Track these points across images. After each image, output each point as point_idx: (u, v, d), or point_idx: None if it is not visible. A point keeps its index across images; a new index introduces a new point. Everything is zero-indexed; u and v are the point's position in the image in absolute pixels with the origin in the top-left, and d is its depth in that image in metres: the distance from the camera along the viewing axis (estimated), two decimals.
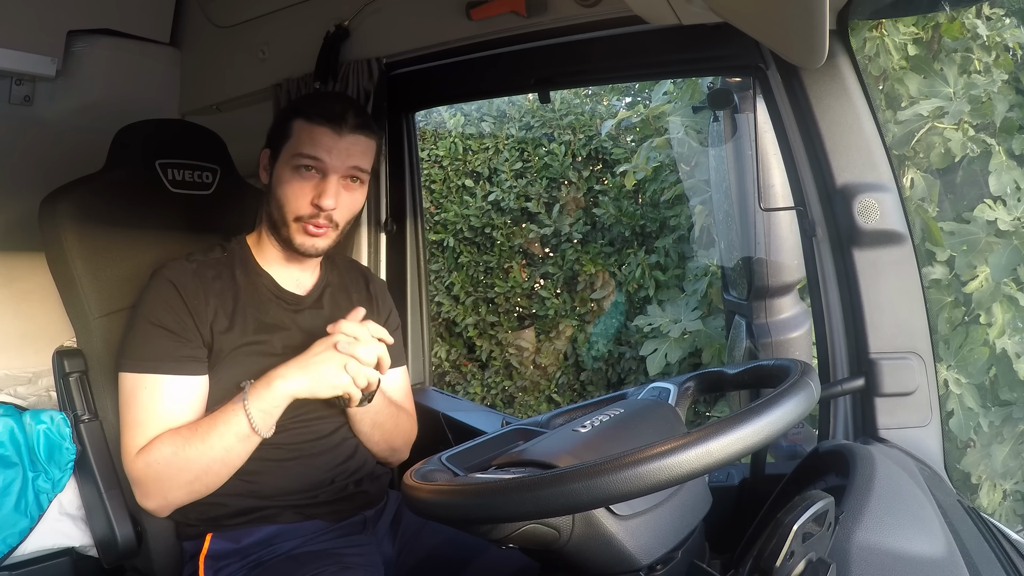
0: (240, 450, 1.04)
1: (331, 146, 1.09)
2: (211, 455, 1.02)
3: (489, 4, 1.31)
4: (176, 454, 1.02)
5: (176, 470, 1.03)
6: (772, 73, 1.17)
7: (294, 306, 1.19)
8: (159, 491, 1.05)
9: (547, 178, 3.88)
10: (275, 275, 1.19)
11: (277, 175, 1.13)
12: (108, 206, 1.24)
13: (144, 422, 1.06)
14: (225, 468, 1.04)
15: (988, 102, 2.17)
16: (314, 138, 1.09)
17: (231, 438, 1.03)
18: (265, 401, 1.03)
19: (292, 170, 1.10)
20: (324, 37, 1.50)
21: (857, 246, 1.13)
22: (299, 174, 1.10)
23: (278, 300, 1.17)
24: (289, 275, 1.20)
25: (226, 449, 1.03)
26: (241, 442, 1.03)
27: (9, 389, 1.47)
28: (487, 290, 4.00)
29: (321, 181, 1.10)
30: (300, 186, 1.10)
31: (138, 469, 1.04)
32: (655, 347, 3.10)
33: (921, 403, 1.13)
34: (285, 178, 1.11)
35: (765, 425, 0.61)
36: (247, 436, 1.03)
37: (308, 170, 1.10)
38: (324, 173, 1.10)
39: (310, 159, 1.09)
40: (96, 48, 1.64)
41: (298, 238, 1.12)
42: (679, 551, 0.78)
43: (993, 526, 0.95)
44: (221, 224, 1.36)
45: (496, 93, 2.38)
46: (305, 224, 1.11)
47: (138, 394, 1.07)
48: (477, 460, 0.83)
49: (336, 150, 1.10)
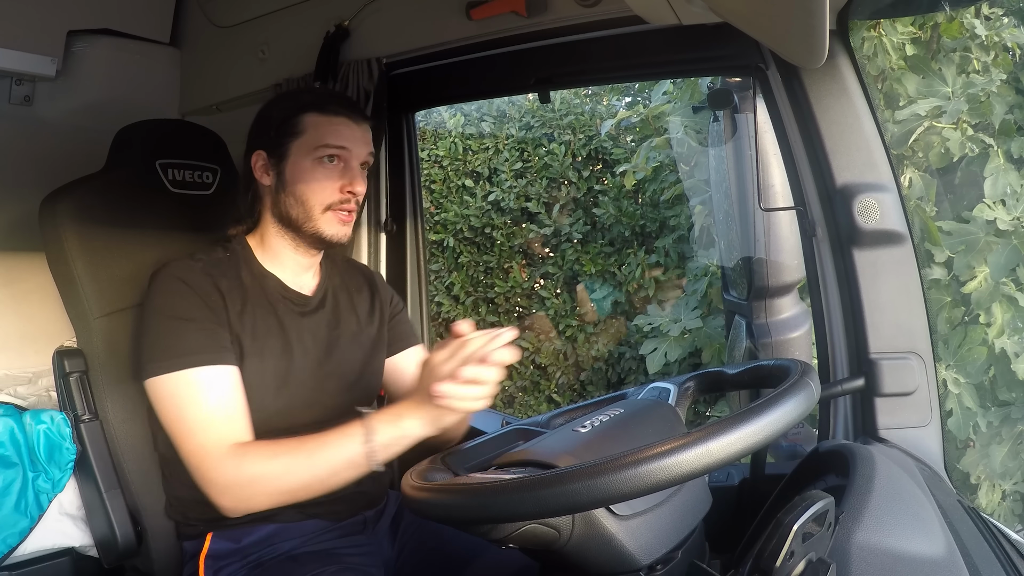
0: (344, 476, 0.99)
1: (352, 135, 1.13)
2: (313, 472, 0.98)
3: (489, 4, 1.31)
4: (276, 463, 0.99)
5: (272, 478, 0.99)
6: (772, 73, 1.18)
7: (301, 307, 1.17)
8: (246, 495, 1.00)
9: (547, 178, 3.88)
10: (281, 276, 1.17)
11: (293, 171, 1.12)
12: (108, 206, 1.24)
13: (211, 418, 1.01)
14: (322, 488, 1.00)
15: (987, 101, 2.17)
16: (337, 129, 1.11)
17: (339, 462, 0.98)
18: (390, 437, 0.97)
19: (315, 162, 1.11)
20: (324, 37, 1.49)
21: (857, 246, 1.13)
22: (323, 165, 1.11)
23: (285, 301, 1.16)
24: (294, 276, 1.19)
25: (331, 472, 0.98)
26: (348, 469, 0.98)
27: (9, 389, 1.47)
28: (487, 290, 4.00)
29: (346, 169, 1.13)
30: (326, 175, 1.11)
31: (228, 471, 0.99)
32: (655, 346, 3.11)
33: (921, 403, 1.13)
34: (307, 172, 1.11)
35: (765, 425, 0.61)
36: (358, 465, 0.98)
37: (331, 160, 1.11)
38: (347, 161, 1.13)
39: (336, 148, 1.11)
40: (96, 48, 1.64)
41: (329, 228, 1.12)
42: (679, 551, 0.78)
43: (993, 526, 0.95)
44: (221, 224, 1.35)
45: (496, 93, 2.38)
46: (336, 211, 1.12)
47: (187, 392, 1.02)
48: (477, 460, 0.83)
49: (356, 138, 1.13)
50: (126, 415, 1.20)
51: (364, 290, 1.29)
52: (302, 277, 1.20)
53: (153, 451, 1.18)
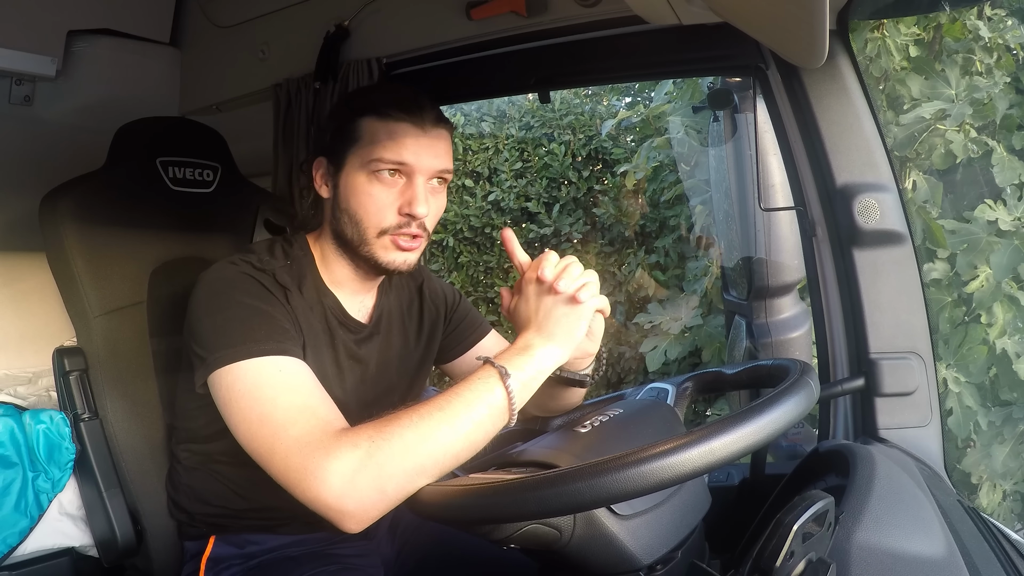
0: (489, 428, 0.79)
1: (415, 145, 0.94)
2: (457, 431, 0.77)
3: (489, 4, 1.31)
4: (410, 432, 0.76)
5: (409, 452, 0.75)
6: (772, 73, 1.18)
7: (356, 334, 1.06)
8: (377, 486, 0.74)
9: (547, 178, 3.88)
10: (340, 297, 1.04)
11: (347, 185, 0.97)
12: (109, 203, 1.23)
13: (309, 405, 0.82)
14: (466, 450, 0.78)
15: (990, 103, 2.17)
16: (395, 138, 0.94)
17: (482, 411, 0.78)
18: (526, 372, 0.81)
19: (370, 177, 0.95)
20: (324, 37, 1.49)
21: (857, 246, 1.13)
22: (379, 180, 0.95)
23: (343, 328, 1.03)
24: (352, 299, 1.06)
25: (475, 424, 0.78)
26: (492, 419, 0.79)
27: (9, 389, 1.47)
28: (487, 290, 4.00)
29: (407, 186, 0.95)
30: (383, 194, 0.95)
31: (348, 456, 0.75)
32: (655, 344, 3.11)
33: (921, 403, 1.13)
34: (360, 188, 0.95)
35: (765, 425, 0.61)
36: (502, 412, 0.79)
37: (391, 175, 0.95)
38: (410, 176, 0.95)
39: (393, 163, 0.94)
40: (96, 48, 1.64)
41: (386, 256, 0.97)
42: (679, 551, 0.78)
43: (993, 526, 0.95)
44: (222, 222, 1.36)
45: (496, 93, 2.37)
46: (394, 237, 0.96)
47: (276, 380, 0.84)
48: (477, 460, 0.83)
49: (421, 149, 0.95)
50: (126, 414, 1.19)
51: (415, 305, 1.18)
52: (361, 300, 1.08)
53: (153, 450, 1.18)
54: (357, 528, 0.76)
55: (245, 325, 0.88)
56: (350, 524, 0.76)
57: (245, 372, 0.84)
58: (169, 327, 1.22)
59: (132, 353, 1.21)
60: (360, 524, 0.76)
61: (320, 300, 1.02)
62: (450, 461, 0.77)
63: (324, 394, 0.86)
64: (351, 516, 0.75)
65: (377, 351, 1.08)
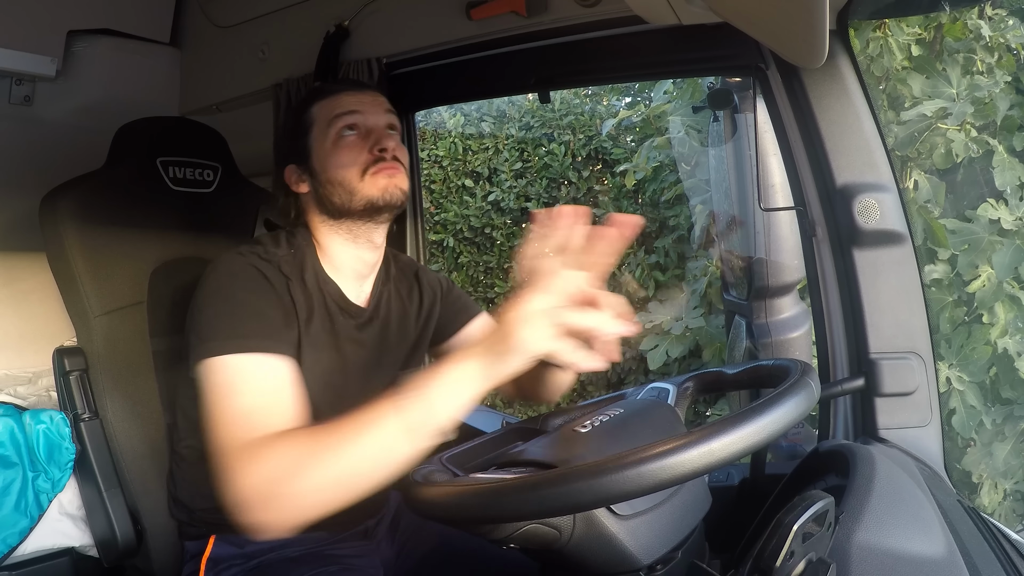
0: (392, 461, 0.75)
1: (360, 103, 1.08)
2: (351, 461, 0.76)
3: (489, 4, 1.31)
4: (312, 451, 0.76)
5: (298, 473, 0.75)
6: (772, 73, 1.18)
7: (356, 319, 1.11)
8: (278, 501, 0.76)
9: (547, 178, 3.88)
10: (340, 284, 1.10)
11: (320, 160, 1.07)
12: (109, 203, 1.24)
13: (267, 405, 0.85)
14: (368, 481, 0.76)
15: (991, 103, 2.18)
16: (342, 103, 1.07)
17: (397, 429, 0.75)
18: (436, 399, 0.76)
19: (336, 139, 1.06)
20: (324, 37, 1.50)
21: (857, 246, 1.13)
22: (343, 140, 1.06)
23: (343, 313, 1.09)
24: (352, 284, 1.12)
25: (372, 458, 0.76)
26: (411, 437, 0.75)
27: (9, 389, 1.47)
28: (487, 290, 4.00)
29: (367, 133, 1.07)
30: (352, 144, 1.06)
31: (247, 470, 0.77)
32: (656, 343, 3.12)
33: (921, 403, 1.13)
34: (330, 152, 1.06)
35: (766, 425, 0.61)
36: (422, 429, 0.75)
37: (351, 131, 1.06)
38: (366, 128, 1.07)
39: (348, 115, 1.06)
40: (96, 48, 1.64)
41: (376, 189, 1.04)
42: (679, 551, 0.78)
43: (993, 526, 0.95)
44: (222, 221, 1.36)
45: (496, 93, 2.38)
46: (375, 171, 1.04)
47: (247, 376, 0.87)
48: (477, 460, 0.83)
49: (366, 106, 1.08)
50: (126, 414, 1.19)
51: (414, 290, 1.23)
52: (360, 285, 1.14)
53: (153, 450, 1.19)
54: (266, 536, 0.77)
55: (236, 320, 0.92)
56: (260, 531, 0.77)
57: (224, 366, 0.88)
58: (169, 327, 1.23)
59: (132, 353, 1.21)
60: (270, 533, 0.76)
61: (320, 287, 1.07)
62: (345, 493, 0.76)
63: (290, 397, 0.88)
64: (263, 524, 0.76)
65: (377, 334, 1.12)
